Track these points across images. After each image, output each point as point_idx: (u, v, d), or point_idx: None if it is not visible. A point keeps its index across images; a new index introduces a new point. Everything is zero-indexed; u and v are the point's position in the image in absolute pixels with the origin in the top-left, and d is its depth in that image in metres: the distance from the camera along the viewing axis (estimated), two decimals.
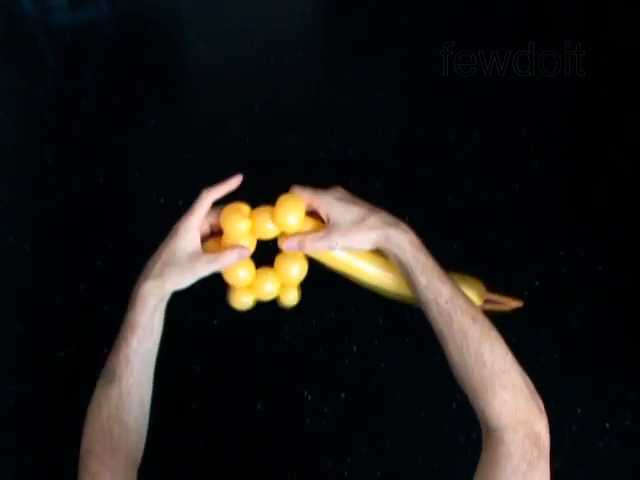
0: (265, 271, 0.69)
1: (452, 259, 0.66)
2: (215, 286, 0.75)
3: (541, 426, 0.58)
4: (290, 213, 0.63)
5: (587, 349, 1.61)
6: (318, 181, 0.70)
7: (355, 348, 1.61)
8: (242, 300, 0.68)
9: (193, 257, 0.63)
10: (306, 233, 0.64)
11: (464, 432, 1.44)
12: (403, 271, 0.63)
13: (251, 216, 0.66)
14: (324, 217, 0.64)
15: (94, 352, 1.68)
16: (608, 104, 2.27)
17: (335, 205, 0.62)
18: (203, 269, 0.63)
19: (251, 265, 0.67)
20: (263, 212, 0.65)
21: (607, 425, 1.47)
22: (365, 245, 0.62)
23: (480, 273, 0.77)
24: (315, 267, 0.71)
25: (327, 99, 2.31)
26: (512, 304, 0.73)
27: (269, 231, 0.65)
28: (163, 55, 2.55)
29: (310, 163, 2.01)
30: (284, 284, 0.69)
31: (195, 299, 1.69)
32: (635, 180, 2.03)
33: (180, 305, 0.75)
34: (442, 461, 1.43)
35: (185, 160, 2.07)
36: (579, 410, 1.48)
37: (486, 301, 0.72)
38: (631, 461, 1.45)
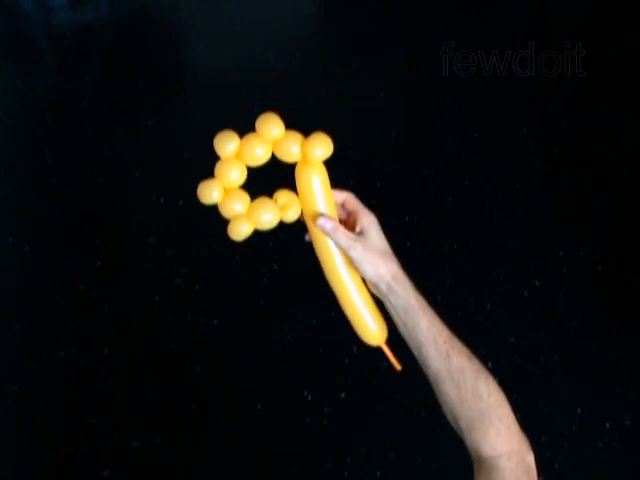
0: (264, 200, 0.68)
1: (452, 259, 0.65)
2: (215, 286, 0.76)
3: (531, 459, 0.60)
4: (274, 126, 0.66)
5: (587, 349, 1.61)
6: None
7: (355, 348, 1.61)
8: (240, 230, 0.67)
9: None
10: (340, 225, 0.66)
11: None
12: (398, 312, 0.65)
13: (241, 143, 0.67)
14: (358, 227, 0.67)
15: (94, 352, 1.69)
16: (608, 104, 2.27)
17: (375, 226, 0.66)
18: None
19: (246, 197, 0.67)
20: (251, 138, 0.67)
21: (607, 425, 1.47)
22: (370, 272, 0.64)
23: (480, 273, 0.77)
24: (314, 268, 0.71)
25: (327, 99, 2.31)
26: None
27: (258, 157, 0.66)
28: (163, 55, 2.55)
29: None
30: (283, 206, 0.68)
31: (195, 299, 1.70)
32: (635, 180, 2.03)
33: (180, 305, 0.75)
34: (442, 461, 1.43)
35: (185, 160, 2.07)
36: (579, 410, 1.48)
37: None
38: (631, 461, 1.45)
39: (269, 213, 0.66)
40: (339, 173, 0.71)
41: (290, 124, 0.66)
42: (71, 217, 1.94)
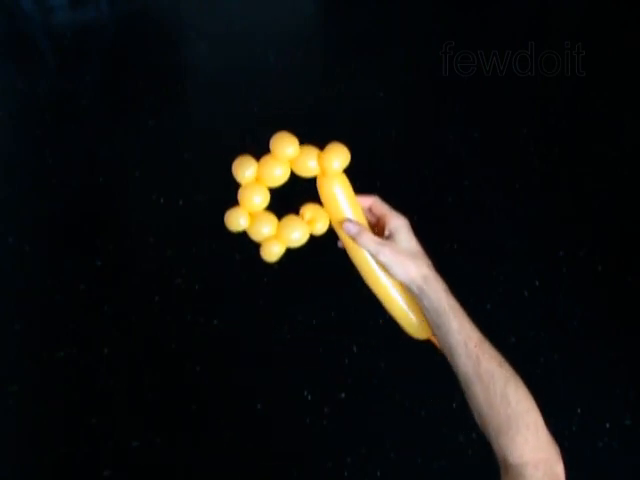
0: (291, 218, 0.68)
1: (452, 259, 0.66)
2: (215, 286, 0.76)
3: (560, 469, 0.59)
4: (288, 145, 0.67)
5: (587, 349, 1.61)
6: None
7: (355, 348, 1.61)
8: (273, 251, 0.67)
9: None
10: (368, 230, 0.66)
11: (464, 432, 1.44)
12: (431, 314, 0.65)
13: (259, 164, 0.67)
14: (386, 231, 0.67)
15: (94, 352, 1.69)
16: (608, 104, 2.27)
17: (405, 228, 0.66)
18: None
19: (272, 217, 0.67)
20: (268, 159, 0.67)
21: (607, 425, 1.47)
22: (401, 275, 0.64)
23: (480, 273, 0.77)
24: (315, 268, 0.71)
25: (327, 99, 2.31)
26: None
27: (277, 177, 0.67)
28: (163, 55, 2.55)
29: None
30: (314, 220, 0.68)
31: (195, 299, 1.70)
32: (635, 180, 2.03)
33: (180, 305, 0.75)
34: (442, 461, 1.43)
35: (185, 160, 2.07)
36: (579, 410, 1.48)
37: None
38: (631, 461, 1.45)
39: (298, 230, 0.66)
40: None
41: (290, 124, 0.66)
42: (71, 217, 1.94)
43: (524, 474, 0.58)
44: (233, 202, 0.68)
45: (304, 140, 0.68)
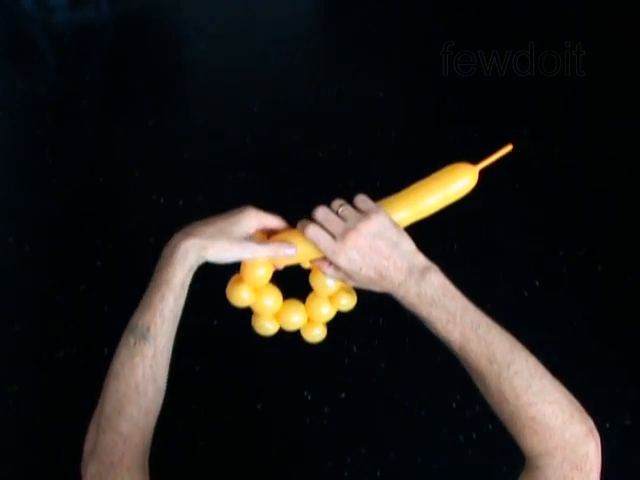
0: (293, 302, 0.71)
1: (452, 259, 0.65)
2: (215, 286, 0.75)
3: (587, 449, 0.56)
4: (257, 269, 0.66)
5: (587, 349, 1.61)
6: (318, 181, 0.70)
7: (355, 348, 1.61)
8: (314, 334, 0.72)
9: (246, 237, 0.64)
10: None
11: (464, 432, 1.44)
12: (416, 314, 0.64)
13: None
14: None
15: (94, 352, 1.68)
16: (608, 104, 2.27)
17: (352, 275, 0.63)
18: (251, 250, 0.63)
19: (278, 294, 0.69)
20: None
21: (607, 425, 1.47)
22: (378, 290, 0.63)
23: (480, 273, 0.77)
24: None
25: (327, 99, 2.30)
26: (505, 152, 0.73)
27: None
28: (163, 55, 2.55)
29: (310, 163, 2.01)
30: (311, 320, 0.71)
31: (195, 299, 1.70)
32: (635, 180, 2.03)
33: None
34: (442, 461, 1.43)
35: (185, 160, 2.07)
36: None
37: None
38: (631, 461, 1.45)
39: (298, 314, 0.70)
40: (339, 173, 0.71)
41: (290, 124, 0.66)
42: (71, 217, 1.94)
43: (539, 465, 0.56)
44: (233, 203, 0.68)
45: (307, 140, 0.68)
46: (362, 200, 0.65)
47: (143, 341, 0.62)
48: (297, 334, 0.72)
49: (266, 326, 0.69)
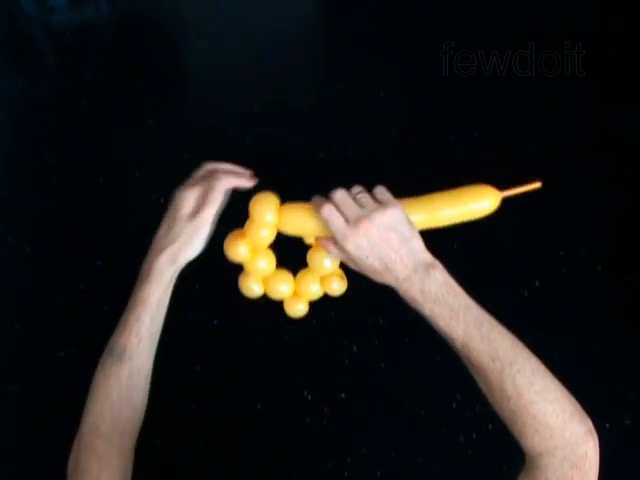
0: (284, 272, 0.70)
1: (452, 259, 0.66)
2: (215, 286, 0.76)
3: (586, 448, 0.57)
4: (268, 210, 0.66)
5: (587, 349, 1.61)
6: (318, 181, 0.70)
7: (355, 348, 1.61)
8: (297, 308, 0.71)
9: (194, 218, 0.65)
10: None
11: (464, 432, 1.44)
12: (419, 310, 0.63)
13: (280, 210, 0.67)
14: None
15: (94, 352, 1.68)
16: (608, 104, 2.27)
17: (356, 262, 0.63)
18: (205, 218, 0.64)
19: (273, 259, 0.69)
20: (294, 209, 0.67)
21: (607, 425, 1.47)
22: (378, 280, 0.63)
23: (480, 273, 0.77)
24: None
25: (327, 99, 2.31)
26: (533, 188, 0.74)
27: (296, 228, 0.67)
28: (163, 55, 2.55)
29: (310, 163, 2.01)
30: (298, 294, 0.71)
31: (195, 299, 1.70)
32: (635, 180, 2.02)
33: (180, 305, 0.75)
34: (442, 461, 1.43)
35: (185, 160, 2.07)
36: None
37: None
38: (631, 461, 1.45)
39: (315, 283, 0.69)
40: (339, 173, 0.71)
41: (290, 124, 0.66)
42: (71, 217, 1.94)
43: (539, 464, 0.56)
44: (233, 203, 0.68)
45: (307, 140, 0.68)
46: (381, 192, 0.65)
47: (119, 362, 0.63)
48: (296, 333, 0.72)
49: (252, 288, 0.69)
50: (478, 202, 0.67)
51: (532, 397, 0.57)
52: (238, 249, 0.66)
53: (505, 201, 0.70)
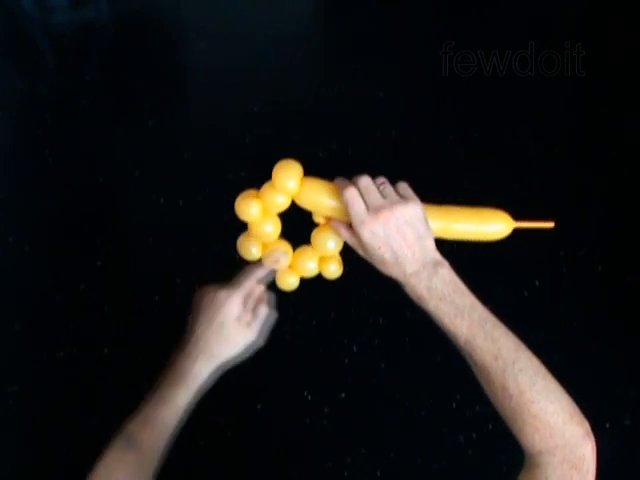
0: (285, 243, 0.70)
1: (452, 259, 0.66)
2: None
3: (585, 450, 0.57)
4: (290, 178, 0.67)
5: (587, 349, 1.61)
6: None
7: (355, 348, 1.61)
8: (288, 281, 0.70)
9: (247, 327, 0.70)
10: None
11: (464, 432, 1.44)
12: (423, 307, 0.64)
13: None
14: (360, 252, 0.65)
15: (94, 352, 1.69)
16: (608, 104, 2.27)
17: (366, 249, 0.63)
18: (256, 330, 0.70)
19: (279, 228, 0.69)
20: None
21: (607, 425, 1.47)
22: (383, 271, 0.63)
23: (480, 273, 0.77)
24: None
25: (327, 99, 2.31)
26: (545, 226, 0.74)
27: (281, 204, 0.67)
28: (163, 55, 2.55)
29: (310, 163, 2.01)
30: (293, 267, 0.71)
31: None
32: (635, 180, 2.03)
33: (180, 305, 0.75)
34: (442, 461, 1.43)
35: (185, 160, 2.07)
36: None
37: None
38: (631, 461, 1.45)
39: (313, 261, 0.69)
40: (339, 173, 0.71)
41: (290, 124, 0.66)
42: (71, 217, 1.94)
43: (539, 463, 0.57)
44: (233, 203, 0.68)
45: (307, 140, 0.68)
46: (404, 187, 0.66)
47: (128, 448, 0.64)
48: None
49: (251, 250, 0.69)
50: (492, 225, 0.68)
51: (533, 396, 0.58)
52: (250, 208, 0.66)
53: (505, 201, 0.70)
